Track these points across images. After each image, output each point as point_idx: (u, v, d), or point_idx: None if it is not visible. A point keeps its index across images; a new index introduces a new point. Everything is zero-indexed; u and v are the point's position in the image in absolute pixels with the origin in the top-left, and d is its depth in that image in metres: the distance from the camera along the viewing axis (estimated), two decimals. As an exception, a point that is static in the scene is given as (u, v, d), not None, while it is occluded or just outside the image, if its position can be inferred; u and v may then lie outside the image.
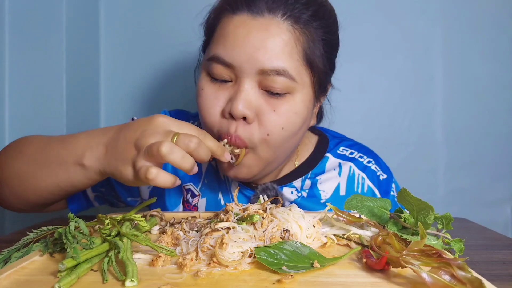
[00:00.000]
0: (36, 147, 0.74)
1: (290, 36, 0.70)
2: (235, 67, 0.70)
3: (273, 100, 0.71)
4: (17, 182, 0.74)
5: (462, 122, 1.32)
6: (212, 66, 0.72)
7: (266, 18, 0.69)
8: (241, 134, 0.71)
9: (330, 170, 0.89)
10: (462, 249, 0.53)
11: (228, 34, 0.70)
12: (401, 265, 0.44)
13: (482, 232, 0.81)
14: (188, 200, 0.88)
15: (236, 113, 0.69)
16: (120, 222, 0.58)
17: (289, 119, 0.72)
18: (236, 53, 0.69)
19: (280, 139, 0.73)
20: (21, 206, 0.79)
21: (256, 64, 0.68)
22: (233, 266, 0.46)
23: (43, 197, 0.75)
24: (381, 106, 1.33)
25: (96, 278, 0.44)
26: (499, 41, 1.30)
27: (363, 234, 0.58)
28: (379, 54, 1.32)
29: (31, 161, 0.72)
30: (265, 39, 0.68)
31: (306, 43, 0.71)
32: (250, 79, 0.70)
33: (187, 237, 0.54)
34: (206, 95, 0.73)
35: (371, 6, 1.30)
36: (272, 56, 0.68)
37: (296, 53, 0.70)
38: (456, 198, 1.32)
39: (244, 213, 0.57)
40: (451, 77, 1.31)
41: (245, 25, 0.69)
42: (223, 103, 0.72)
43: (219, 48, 0.71)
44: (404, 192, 0.54)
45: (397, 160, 1.31)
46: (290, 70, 0.69)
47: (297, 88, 0.71)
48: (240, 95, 0.69)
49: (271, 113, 0.71)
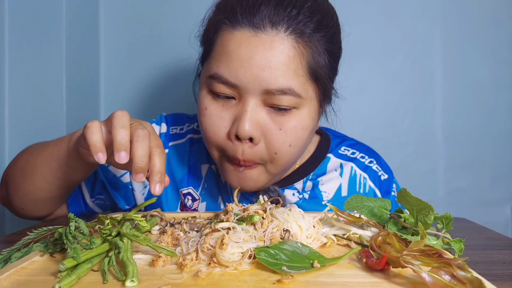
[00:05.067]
0: (37, 145, 0.81)
1: (294, 52, 0.68)
2: (239, 87, 0.68)
3: (279, 117, 0.70)
4: (19, 177, 0.78)
5: (462, 122, 1.32)
6: (215, 85, 0.70)
7: (269, 34, 0.67)
8: (249, 156, 0.70)
9: (332, 170, 0.88)
10: (462, 249, 0.53)
11: (231, 53, 0.68)
12: (401, 265, 0.44)
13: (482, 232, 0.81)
14: (186, 204, 0.87)
15: (242, 135, 0.68)
16: (120, 222, 0.58)
17: (296, 135, 0.71)
18: (241, 73, 0.67)
19: (288, 156, 0.72)
20: (22, 205, 0.80)
21: (262, 84, 0.67)
22: (233, 266, 0.46)
23: (41, 188, 0.76)
24: (381, 106, 1.33)
25: (97, 278, 0.44)
26: (499, 41, 1.30)
27: (363, 234, 0.58)
28: (379, 54, 1.32)
29: (33, 154, 0.77)
30: (270, 57, 0.66)
31: (311, 56, 0.69)
32: (255, 98, 0.68)
33: (187, 237, 0.54)
34: (210, 115, 0.72)
35: (371, 6, 1.31)
36: (277, 75, 0.66)
37: (301, 69, 0.68)
38: (456, 198, 1.32)
39: (244, 213, 0.57)
40: (451, 77, 1.32)
41: (248, 43, 0.67)
42: (228, 123, 0.71)
43: (221, 67, 0.69)
44: (404, 192, 0.54)
45: (397, 160, 1.31)
46: (295, 88, 0.68)
47: (303, 103, 0.70)
48: (245, 115, 0.68)
49: (277, 132, 0.70)
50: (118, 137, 0.54)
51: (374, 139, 1.26)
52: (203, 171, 0.89)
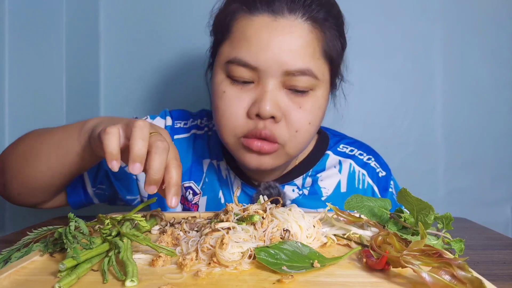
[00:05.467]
0: (39, 130, 0.79)
1: (312, 36, 0.72)
2: (260, 70, 0.70)
3: (298, 98, 0.73)
4: (21, 162, 0.76)
5: (462, 122, 1.32)
6: (233, 69, 0.72)
7: (288, 19, 0.71)
8: (271, 131, 0.72)
9: (331, 167, 0.90)
10: (462, 249, 0.53)
11: (251, 37, 0.70)
12: (401, 265, 0.44)
13: (482, 232, 0.81)
14: (188, 198, 0.88)
15: (264, 114, 0.70)
16: (120, 222, 0.58)
17: (314, 113, 0.75)
18: (262, 56, 0.69)
19: (308, 134, 0.76)
20: (20, 191, 0.79)
21: (282, 66, 0.70)
22: (233, 266, 0.46)
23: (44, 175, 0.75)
24: (381, 106, 1.33)
25: (96, 278, 0.44)
26: (499, 41, 1.30)
27: (363, 234, 0.58)
28: (379, 54, 1.31)
29: (37, 139, 0.76)
30: (289, 41, 0.70)
31: (325, 41, 0.74)
32: (275, 80, 0.71)
33: (187, 237, 0.54)
34: (229, 97, 0.73)
35: (371, 6, 1.30)
36: (297, 57, 0.70)
37: (317, 52, 0.73)
38: (456, 198, 1.32)
39: (244, 213, 0.57)
40: (451, 77, 1.32)
41: (267, 27, 0.70)
42: (247, 104, 0.72)
43: (241, 52, 0.71)
44: (404, 192, 0.54)
45: (397, 160, 1.30)
46: (313, 69, 0.72)
47: (319, 85, 0.74)
48: (266, 96, 0.70)
49: (297, 110, 0.73)
50: (135, 148, 0.53)
51: (374, 139, 1.26)
52: (204, 166, 0.90)
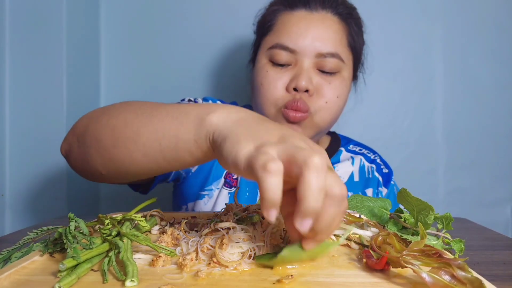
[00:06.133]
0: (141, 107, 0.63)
1: (339, 27, 0.89)
2: (297, 52, 0.87)
3: (328, 77, 0.89)
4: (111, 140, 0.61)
5: (462, 122, 1.32)
6: (275, 53, 0.88)
7: (320, 13, 0.89)
8: (305, 102, 0.86)
9: (344, 160, 1.03)
10: (462, 249, 0.53)
11: (292, 26, 0.87)
12: (401, 265, 0.44)
13: (482, 232, 0.81)
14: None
15: (300, 87, 0.85)
16: (120, 222, 0.58)
17: (341, 90, 0.90)
18: (300, 41, 0.86)
19: (336, 106, 0.90)
20: (104, 171, 0.65)
21: (316, 49, 0.86)
22: (233, 266, 0.46)
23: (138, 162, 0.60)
24: (381, 106, 1.33)
25: (96, 278, 0.44)
26: (499, 41, 1.30)
27: (363, 234, 0.58)
28: (379, 54, 1.31)
29: (137, 117, 0.60)
30: (322, 29, 0.87)
31: (349, 33, 0.92)
32: (309, 60, 0.87)
33: (187, 237, 0.54)
34: (271, 75, 0.88)
35: (371, 6, 1.30)
36: (328, 42, 0.87)
37: (344, 40, 0.90)
38: (456, 198, 1.32)
39: (244, 213, 0.57)
40: (451, 77, 1.31)
41: (305, 19, 0.88)
42: (286, 81, 0.88)
43: (283, 38, 0.87)
44: (404, 192, 0.54)
45: (397, 160, 1.30)
46: (340, 53, 0.88)
47: (344, 67, 0.90)
48: (303, 73, 0.86)
49: (327, 85, 0.88)
50: (311, 203, 0.39)
51: (374, 139, 1.26)
52: None
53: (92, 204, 1.31)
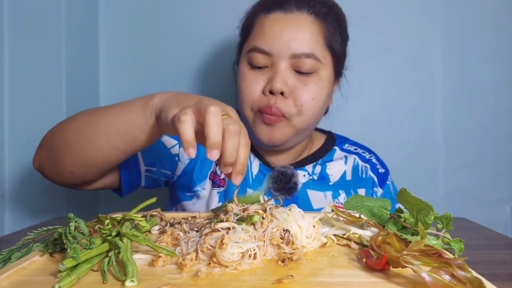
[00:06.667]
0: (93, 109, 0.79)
1: (315, 27, 0.88)
2: (272, 54, 0.86)
3: (304, 78, 0.87)
4: (76, 138, 0.75)
5: (462, 122, 1.32)
6: (252, 55, 0.88)
7: (295, 14, 0.88)
8: (279, 106, 0.86)
9: (338, 159, 1.02)
10: (462, 249, 0.53)
11: (267, 30, 0.88)
12: (401, 265, 0.44)
13: (482, 232, 0.81)
14: (217, 172, 0.98)
15: (275, 89, 0.85)
16: (120, 222, 0.58)
17: (318, 92, 0.88)
18: (274, 43, 0.86)
19: (311, 109, 0.88)
20: (74, 169, 0.77)
21: (290, 50, 0.85)
22: (233, 266, 0.46)
23: (102, 151, 0.74)
24: (381, 106, 1.33)
25: (96, 278, 0.44)
26: (499, 41, 1.30)
27: (363, 234, 0.58)
28: (379, 54, 1.32)
29: (94, 115, 0.76)
30: (296, 30, 0.86)
31: (327, 32, 0.89)
32: (285, 62, 0.86)
33: (187, 237, 0.54)
34: (249, 78, 0.89)
35: (371, 6, 1.31)
36: (302, 43, 0.86)
37: (320, 40, 0.88)
38: (456, 198, 1.32)
39: (244, 213, 0.57)
40: (451, 77, 1.31)
41: (279, 21, 0.87)
42: (263, 83, 0.88)
43: (259, 41, 0.88)
44: (404, 192, 0.54)
45: (397, 160, 1.30)
46: (316, 53, 0.87)
47: (321, 67, 0.88)
48: (277, 75, 0.86)
49: (303, 87, 0.87)
50: (212, 136, 0.56)
51: (374, 139, 1.26)
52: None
53: (92, 204, 1.31)
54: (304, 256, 0.50)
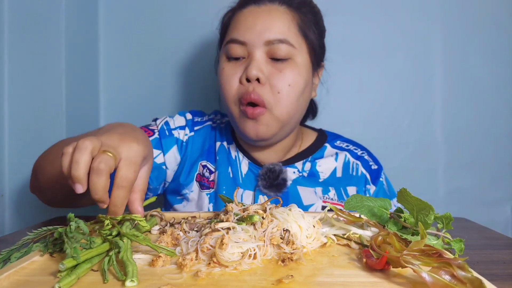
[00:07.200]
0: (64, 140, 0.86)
1: (286, 16, 0.90)
2: (247, 44, 0.88)
3: (279, 64, 0.88)
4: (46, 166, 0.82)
5: (462, 122, 1.32)
6: (229, 47, 0.90)
7: (267, 5, 0.91)
8: (258, 92, 0.87)
9: (328, 156, 1.02)
10: (462, 249, 0.53)
11: (241, 22, 0.90)
12: (401, 265, 0.44)
13: (482, 232, 0.81)
14: (204, 175, 1.00)
15: (251, 76, 0.86)
16: (120, 222, 0.58)
17: (294, 77, 0.89)
18: (247, 33, 0.88)
19: (289, 96, 0.88)
20: (49, 196, 0.86)
21: (264, 37, 0.87)
22: (233, 266, 0.46)
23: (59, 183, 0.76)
24: (381, 106, 1.33)
25: (96, 278, 0.44)
26: (499, 41, 1.30)
27: (363, 234, 0.58)
28: (378, 54, 1.31)
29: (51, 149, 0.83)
30: (269, 20, 0.88)
31: (300, 20, 0.91)
32: (260, 50, 0.88)
33: (187, 237, 0.54)
34: (226, 71, 0.91)
35: (371, 6, 1.30)
36: (275, 30, 0.88)
37: (293, 27, 0.90)
38: (456, 198, 1.32)
39: (244, 213, 0.57)
40: (451, 77, 1.31)
41: (253, 14, 0.90)
42: (240, 73, 0.89)
43: (234, 33, 0.90)
44: (404, 192, 0.54)
45: (397, 160, 1.30)
46: (290, 39, 0.88)
47: (296, 53, 0.89)
48: (253, 63, 0.87)
49: (278, 74, 0.88)
50: (73, 171, 0.55)
51: (374, 139, 1.26)
52: (216, 146, 1.03)
53: (92, 204, 1.31)
54: (304, 256, 0.50)
